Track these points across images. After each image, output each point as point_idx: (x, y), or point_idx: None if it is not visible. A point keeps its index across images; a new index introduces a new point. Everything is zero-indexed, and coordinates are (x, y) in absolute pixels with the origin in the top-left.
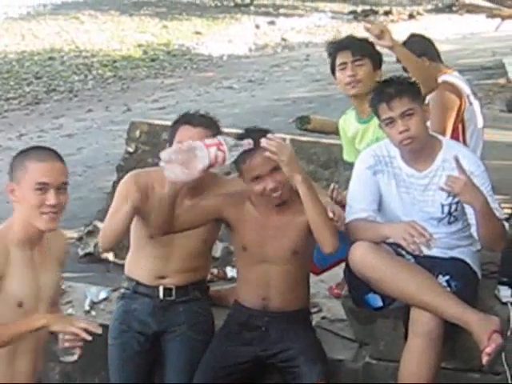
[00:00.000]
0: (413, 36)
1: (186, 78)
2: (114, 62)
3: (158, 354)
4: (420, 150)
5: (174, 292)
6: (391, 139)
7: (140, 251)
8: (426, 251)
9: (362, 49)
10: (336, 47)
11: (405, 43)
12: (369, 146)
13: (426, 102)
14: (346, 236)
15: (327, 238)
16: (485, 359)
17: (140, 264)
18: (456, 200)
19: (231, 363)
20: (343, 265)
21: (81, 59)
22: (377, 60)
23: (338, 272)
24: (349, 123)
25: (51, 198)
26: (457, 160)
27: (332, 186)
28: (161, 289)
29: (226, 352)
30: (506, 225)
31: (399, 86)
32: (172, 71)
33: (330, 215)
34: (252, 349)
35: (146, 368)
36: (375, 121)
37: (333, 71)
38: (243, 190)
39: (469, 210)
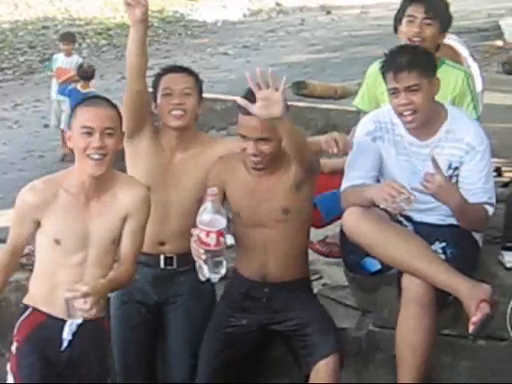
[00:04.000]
0: None
1: (181, 44)
2: (108, 29)
3: (159, 325)
4: (418, 124)
5: (174, 261)
6: (393, 108)
7: None
8: (407, 208)
9: (436, 7)
10: None
11: None
12: None
13: None
14: None
15: (302, 157)
16: (471, 328)
17: None
18: (457, 173)
19: (236, 332)
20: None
21: (75, 28)
22: (445, 22)
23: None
24: None
25: (95, 140)
26: (433, 160)
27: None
28: (161, 257)
29: (230, 321)
30: (491, 210)
31: (412, 56)
32: (166, 38)
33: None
34: (255, 317)
35: (148, 338)
36: None
37: (396, 19)
38: (238, 153)
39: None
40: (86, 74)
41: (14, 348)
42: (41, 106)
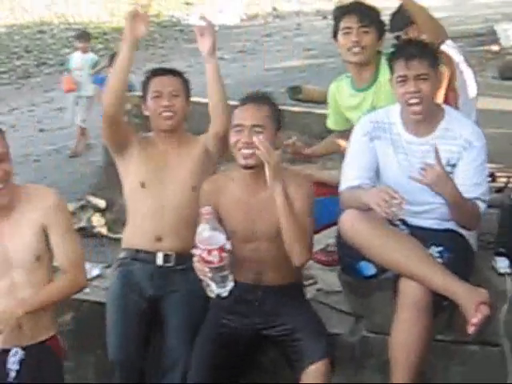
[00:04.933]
0: (402, 6)
1: (177, 49)
2: (105, 34)
3: (154, 319)
4: (424, 116)
5: (173, 258)
6: (398, 98)
7: (135, 209)
8: (401, 216)
9: (369, 16)
10: (343, 11)
11: (394, 13)
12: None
13: None
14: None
15: (297, 251)
16: (471, 329)
17: (137, 225)
18: (455, 170)
19: (229, 333)
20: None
21: (71, 32)
22: (381, 29)
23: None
24: (342, 90)
25: None
26: (436, 151)
27: (290, 141)
28: (160, 255)
29: (223, 323)
30: (482, 206)
31: (422, 48)
32: (163, 42)
33: None
34: (248, 321)
35: (143, 331)
36: (373, 90)
37: (335, 35)
38: (225, 171)
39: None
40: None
41: None
42: (36, 111)
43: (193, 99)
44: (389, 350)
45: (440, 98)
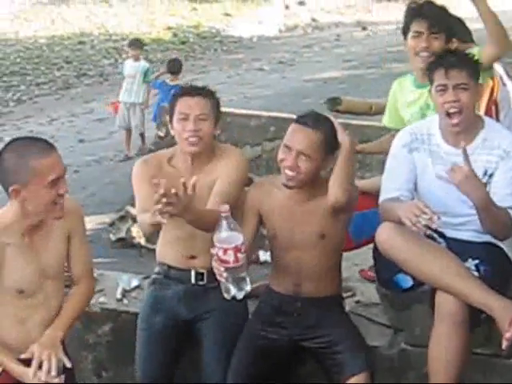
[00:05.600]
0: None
1: (216, 60)
2: (144, 45)
3: (186, 341)
4: (462, 127)
5: (205, 276)
6: (438, 107)
7: (167, 232)
8: (435, 227)
9: (440, 21)
10: (415, 13)
11: None
12: (420, 111)
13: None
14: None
15: (335, 188)
16: (504, 344)
17: (169, 245)
18: (491, 180)
19: (267, 346)
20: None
21: (111, 43)
22: (450, 33)
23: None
24: (404, 86)
25: (63, 187)
26: (464, 151)
27: None
28: (193, 273)
29: (261, 335)
30: None
31: (463, 57)
32: (202, 53)
33: None
34: (286, 332)
35: (172, 353)
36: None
37: (404, 33)
38: (271, 176)
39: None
40: (173, 68)
41: None
42: (76, 121)
43: (231, 110)
44: (428, 363)
45: (482, 109)
